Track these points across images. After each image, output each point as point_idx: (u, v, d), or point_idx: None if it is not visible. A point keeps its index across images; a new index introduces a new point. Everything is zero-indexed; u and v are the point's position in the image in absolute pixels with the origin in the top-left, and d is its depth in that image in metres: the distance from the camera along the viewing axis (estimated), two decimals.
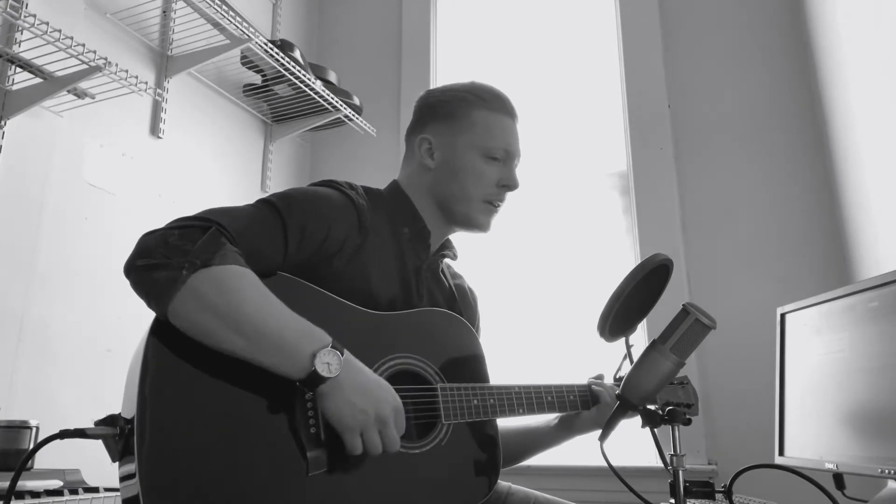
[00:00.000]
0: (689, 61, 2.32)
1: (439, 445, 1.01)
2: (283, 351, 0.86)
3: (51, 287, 1.59)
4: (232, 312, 0.84)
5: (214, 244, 0.87)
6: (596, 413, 1.20)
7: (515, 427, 1.27)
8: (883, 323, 1.16)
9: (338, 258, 1.02)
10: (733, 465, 1.07)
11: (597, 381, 1.25)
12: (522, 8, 2.65)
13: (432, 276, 1.19)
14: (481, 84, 1.22)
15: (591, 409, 1.20)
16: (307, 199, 1.02)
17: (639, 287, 1.01)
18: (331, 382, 0.86)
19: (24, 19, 1.40)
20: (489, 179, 1.15)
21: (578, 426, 1.22)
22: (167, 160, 1.99)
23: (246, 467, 0.85)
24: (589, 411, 1.20)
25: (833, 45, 1.96)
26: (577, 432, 1.23)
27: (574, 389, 1.20)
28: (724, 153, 2.21)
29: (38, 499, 1.10)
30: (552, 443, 1.26)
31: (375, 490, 0.94)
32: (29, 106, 1.51)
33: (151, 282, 0.85)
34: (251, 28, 1.99)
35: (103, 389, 1.65)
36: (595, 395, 1.21)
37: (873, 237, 1.78)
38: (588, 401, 1.21)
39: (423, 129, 1.19)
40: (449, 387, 1.04)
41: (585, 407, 1.20)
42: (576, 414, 1.21)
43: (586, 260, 2.32)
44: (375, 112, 2.55)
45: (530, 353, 2.26)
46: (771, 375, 1.51)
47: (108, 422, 0.85)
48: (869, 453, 1.15)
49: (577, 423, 1.22)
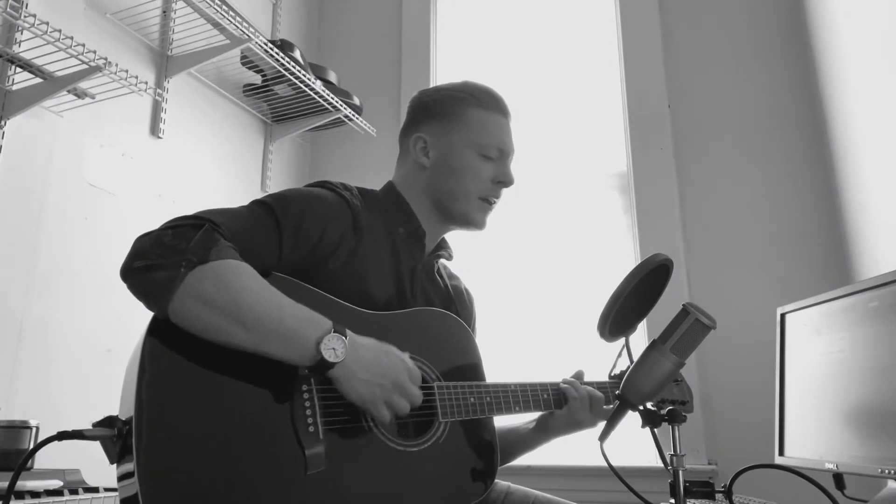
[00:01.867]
0: (689, 61, 2.32)
1: (437, 443, 1.02)
2: (288, 340, 0.87)
3: (51, 287, 1.59)
4: (232, 305, 0.85)
5: (209, 240, 0.87)
6: (567, 412, 1.16)
7: (500, 426, 1.24)
8: (883, 323, 1.16)
9: (333, 259, 1.02)
10: (733, 465, 1.07)
11: (569, 379, 1.21)
12: (522, 8, 2.65)
13: (427, 276, 1.19)
14: (474, 83, 1.22)
15: (563, 407, 1.16)
16: (302, 199, 1.02)
17: (639, 287, 1.01)
18: (340, 367, 0.88)
19: (24, 19, 1.40)
20: (485, 176, 1.16)
21: (552, 427, 1.19)
22: (167, 160, 1.99)
23: (244, 466, 0.85)
24: (561, 410, 1.17)
25: (833, 46, 1.96)
26: (552, 434, 1.20)
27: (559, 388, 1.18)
28: (724, 153, 2.21)
29: (38, 499, 1.10)
30: (530, 445, 1.23)
31: (373, 488, 0.94)
32: (29, 106, 1.51)
33: (150, 283, 0.85)
34: (251, 28, 1.99)
35: (103, 389, 1.65)
36: (563, 392, 1.17)
37: (873, 237, 1.78)
38: (560, 400, 1.17)
39: (418, 129, 1.20)
40: (446, 385, 1.05)
41: (558, 406, 1.17)
42: (549, 414, 1.19)
43: (586, 260, 2.32)
44: (375, 112, 2.55)
45: (530, 353, 2.26)
46: (771, 375, 1.51)
47: (105, 423, 0.85)
48: (869, 453, 1.15)
49: (550, 425, 1.19)
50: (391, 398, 0.92)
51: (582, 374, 1.24)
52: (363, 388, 0.90)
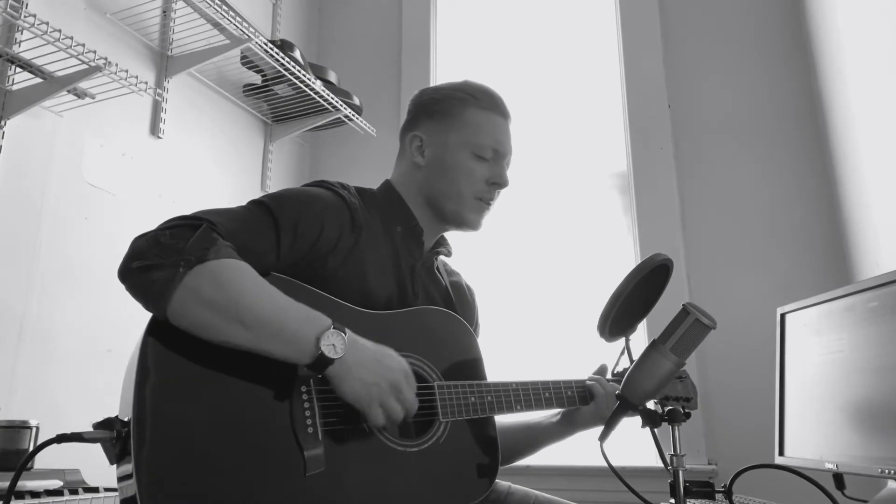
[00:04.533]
0: (689, 61, 2.32)
1: (437, 443, 1.01)
2: (287, 337, 0.86)
3: (51, 287, 1.59)
4: (232, 305, 0.85)
5: (207, 240, 0.87)
6: (594, 408, 1.18)
7: (517, 423, 1.26)
8: (883, 323, 1.16)
9: (332, 258, 1.02)
10: (733, 465, 1.07)
11: (595, 376, 1.24)
12: (522, 8, 2.65)
13: (427, 273, 1.19)
14: (474, 83, 1.22)
15: (590, 403, 1.19)
16: (299, 198, 1.02)
17: (639, 287, 1.01)
18: (338, 363, 0.87)
19: (24, 19, 1.40)
20: (479, 177, 1.15)
21: (578, 422, 1.22)
22: (167, 160, 1.99)
23: (243, 467, 0.85)
24: (588, 406, 1.19)
25: (833, 45, 1.96)
26: (578, 428, 1.23)
27: (572, 385, 1.19)
28: (724, 153, 2.21)
29: (38, 499, 1.10)
30: (554, 438, 1.26)
31: (373, 488, 0.94)
32: (29, 106, 1.51)
33: (148, 283, 0.85)
34: (251, 28, 1.99)
35: (103, 390, 1.64)
36: (590, 389, 1.19)
37: (873, 237, 1.77)
38: (586, 396, 1.20)
39: (415, 128, 1.20)
40: (446, 384, 1.04)
41: (584, 402, 1.19)
42: (575, 409, 1.21)
43: (586, 260, 2.32)
44: (375, 112, 2.55)
45: (530, 353, 2.26)
46: (771, 375, 1.51)
47: (105, 425, 0.85)
48: (869, 453, 1.15)
49: (576, 419, 1.22)
50: (387, 400, 0.91)
51: (605, 368, 1.26)
52: (359, 387, 0.89)
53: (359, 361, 0.89)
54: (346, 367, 0.88)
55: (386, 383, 0.91)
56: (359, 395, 0.89)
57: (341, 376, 0.88)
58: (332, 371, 0.88)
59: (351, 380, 0.89)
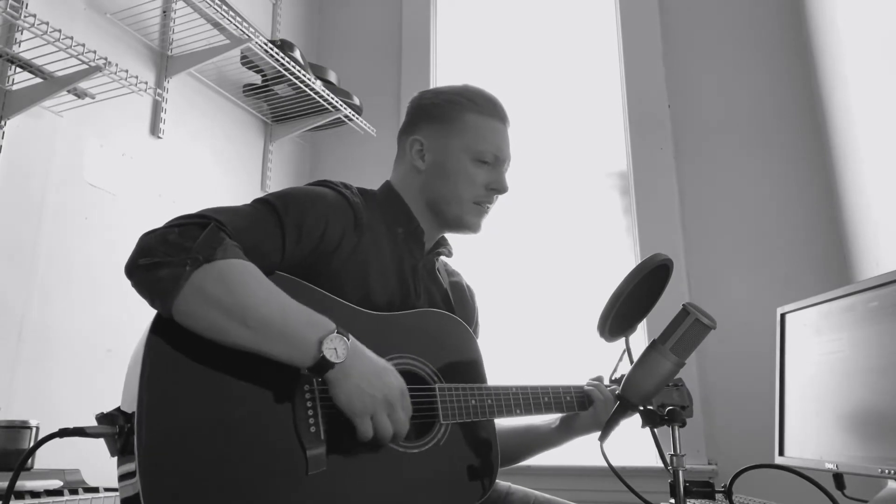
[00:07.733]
0: (689, 61, 2.32)
1: (437, 445, 1.02)
2: (290, 339, 0.86)
3: (51, 287, 1.59)
4: (237, 305, 0.85)
5: (215, 239, 0.87)
6: (593, 413, 1.20)
7: (517, 426, 1.28)
8: (883, 323, 1.16)
9: (336, 257, 1.03)
10: (733, 465, 1.07)
11: (593, 381, 1.25)
12: (522, 8, 2.65)
13: (428, 274, 1.20)
14: (474, 87, 1.22)
15: (589, 409, 1.21)
16: (303, 197, 1.03)
17: (639, 287, 1.01)
18: (339, 368, 0.87)
19: (24, 19, 1.40)
20: (478, 182, 1.16)
21: (577, 427, 1.23)
22: (167, 160, 1.99)
23: (245, 466, 0.85)
24: (587, 412, 1.21)
25: (833, 45, 1.96)
26: (576, 433, 1.24)
27: (571, 390, 1.21)
28: (724, 153, 2.21)
29: (38, 499, 1.10)
30: (552, 443, 1.27)
31: (374, 489, 0.94)
32: (29, 106, 1.51)
33: (155, 280, 0.85)
34: (251, 28, 1.99)
35: (103, 390, 1.65)
36: (588, 395, 1.21)
37: (873, 237, 1.78)
38: (584, 401, 1.21)
39: (415, 131, 1.20)
40: (447, 387, 1.05)
41: (583, 408, 1.21)
42: (574, 415, 1.22)
43: (586, 260, 2.32)
44: (375, 112, 2.55)
45: (530, 353, 2.26)
46: (771, 375, 1.51)
47: (108, 419, 0.85)
48: (869, 453, 1.15)
49: (575, 424, 1.23)
50: (379, 414, 0.90)
51: (602, 377, 1.29)
52: (355, 395, 0.88)
53: (359, 370, 0.89)
54: (345, 373, 0.88)
55: (382, 397, 0.90)
56: (352, 403, 0.89)
57: (339, 381, 0.88)
58: (332, 375, 0.88)
59: (348, 386, 0.88)
